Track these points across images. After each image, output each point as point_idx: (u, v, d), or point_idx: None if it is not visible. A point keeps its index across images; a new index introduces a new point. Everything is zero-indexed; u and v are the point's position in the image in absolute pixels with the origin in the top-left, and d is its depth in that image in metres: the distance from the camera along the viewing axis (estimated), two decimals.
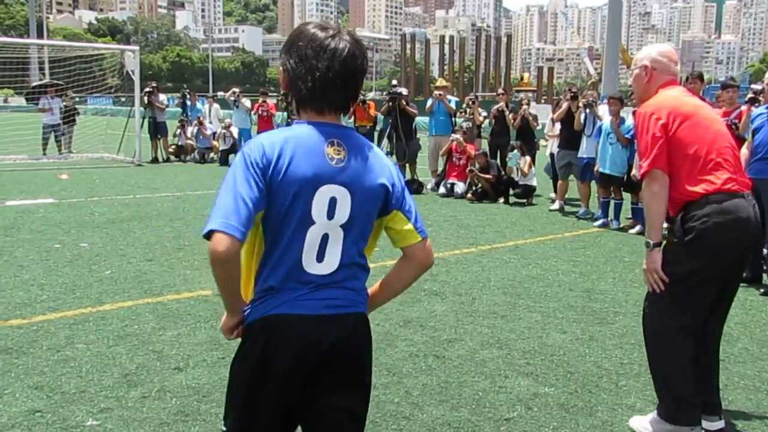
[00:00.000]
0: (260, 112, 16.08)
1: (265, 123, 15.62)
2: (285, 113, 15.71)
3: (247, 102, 16.83)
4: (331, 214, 1.85)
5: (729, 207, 3.10)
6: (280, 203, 1.81)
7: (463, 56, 74.27)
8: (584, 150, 9.65)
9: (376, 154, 1.96)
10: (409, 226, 1.97)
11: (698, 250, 3.10)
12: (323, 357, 1.87)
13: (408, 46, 75.78)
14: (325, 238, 1.86)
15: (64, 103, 17.50)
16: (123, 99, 27.89)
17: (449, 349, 4.43)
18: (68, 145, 17.82)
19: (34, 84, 21.14)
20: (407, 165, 12.72)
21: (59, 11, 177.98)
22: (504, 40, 75.68)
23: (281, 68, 1.96)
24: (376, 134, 13.79)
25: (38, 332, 4.51)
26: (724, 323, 3.43)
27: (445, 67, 72.80)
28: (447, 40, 78.86)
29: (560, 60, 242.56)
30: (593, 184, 9.74)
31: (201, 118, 17.17)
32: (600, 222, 9.18)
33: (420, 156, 13.08)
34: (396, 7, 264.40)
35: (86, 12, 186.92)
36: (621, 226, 9.07)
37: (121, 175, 13.85)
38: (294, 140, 1.84)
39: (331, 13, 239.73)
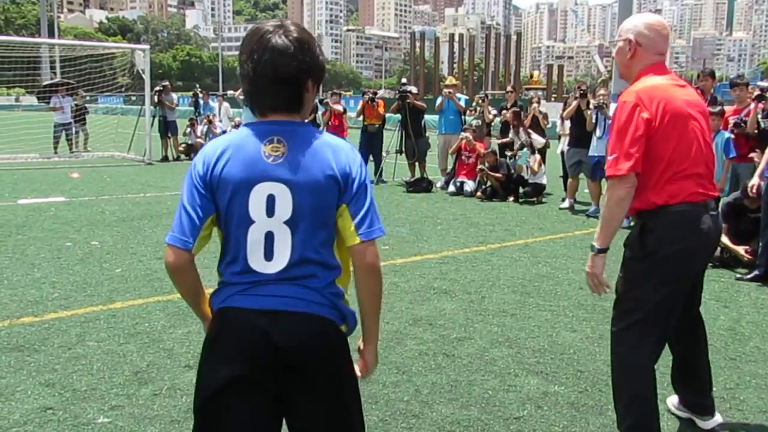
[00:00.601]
0: None
1: None
2: None
3: None
4: (270, 212, 1.83)
5: (688, 219, 2.84)
6: (221, 206, 1.86)
7: (472, 54, 74.14)
8: (594, 148, 9.61)
9: (328, 146, 1.88)
10: (351, 224, 1.87)
11: (658, 266, 2.85)
12: (279, 356, 1.80)
13: (417, 44, 75.81)
14: (270, 236, 1.84)
15: (75, 102, 17.59)
16: (133, 98, 28.03)
17: (459, 347, 4.43)
18: (85, 143, 18.05)
19: (45, 83, 21.27)
20: (417, 163, 12.73)
21: (70, 10, 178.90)
22: (514, 38, 75.53)
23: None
24: (394, 132, 13.73)
25: (50, 330, 4.54)
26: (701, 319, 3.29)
27: (455, 65, 72.76)
28: (456, 38, 78.76)
29: (570, 58, 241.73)
30: (603, 182, 9.69)
31: (211, 117, 17.21)
32: None
33: (429, 154, 13.07)
34: (405, 5, 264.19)
35: (97, 11, 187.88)
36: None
37: (132, 173, 13.91)
38: (232, 144, 1.87)
39: (341, 11, 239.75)
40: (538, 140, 11.45)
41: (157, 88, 16.41)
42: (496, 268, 6.55)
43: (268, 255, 1.84)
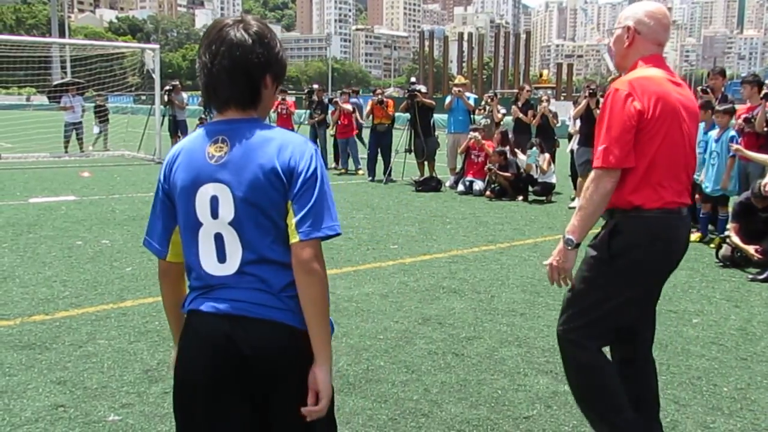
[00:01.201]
0: (279, 110, 16.06)
1: (284, 121, 15.62)
2: (308, 111, 15.75)
3: None
4: (215, 213, 1.79)
5: (662, 226, 2.69)
6: (177, 211, 1.87)
7: (481, 53, 73.94)
8: None
9: (273, 141, 1.79)
10: (293, 221, 1.76)
11: (624, 270, 2.72)
12: (245, 362, 1.78)
13: (426, 43, 75.69)
14: (219, 238, 1.80)
15: (96, 102, 17.75)
16: (143, 97, 28.14)
17: (468, 346, 4.43)
18: (105, 142, 18.18)
19: (55, 82, 21.37)
20: (426, 162, 12.72)
21: (80, 10, 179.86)
22: (523, 36, 75.26)
23: None
24: (403, 132, 13.74)
25: (61, 328, 4.57)
26: (653, 337, 3.03)
27: (464, 65, 72.64)
28: (465, 37, 78.59)
29: (579, 56, 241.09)
30: None
31: None
32: None
33: (438, 153, 13.06)
34: (414, 4, 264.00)
35: (107, 11, 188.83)
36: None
37: (142, 172, 13.97)
38: (184, 148, 1.87)
39: (350, 10, 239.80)
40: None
41: (167, 88, 16.47)
42: (506, 268, 6.54)
43: (221, 257, 1.81)
